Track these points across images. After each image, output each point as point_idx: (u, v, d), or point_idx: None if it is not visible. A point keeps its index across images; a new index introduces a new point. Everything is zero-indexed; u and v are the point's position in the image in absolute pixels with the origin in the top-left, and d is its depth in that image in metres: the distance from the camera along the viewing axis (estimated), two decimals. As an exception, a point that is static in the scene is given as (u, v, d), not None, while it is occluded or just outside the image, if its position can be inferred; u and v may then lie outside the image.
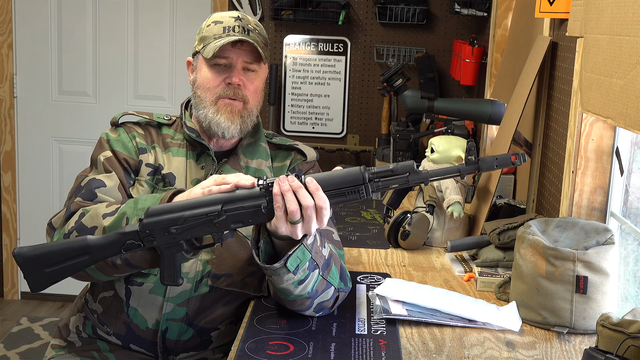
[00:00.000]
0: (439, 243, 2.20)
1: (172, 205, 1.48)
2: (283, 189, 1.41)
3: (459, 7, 3.59)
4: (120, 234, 1.48)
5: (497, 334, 1.57)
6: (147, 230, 1.46)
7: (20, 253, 1.48)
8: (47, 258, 1.48)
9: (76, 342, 1.78)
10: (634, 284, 1.82)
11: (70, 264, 1.49)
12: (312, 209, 1.41)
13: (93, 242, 1.48)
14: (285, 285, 1.50)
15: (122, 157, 1.75)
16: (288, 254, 1.46)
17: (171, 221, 1.46)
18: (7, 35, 4.00)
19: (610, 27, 1.52)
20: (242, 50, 1.73)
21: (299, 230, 1.43)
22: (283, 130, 4.03)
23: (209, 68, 1.74)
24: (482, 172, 1.46)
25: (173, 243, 1.47)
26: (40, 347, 3.57)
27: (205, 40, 1.75)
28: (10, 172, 4.12)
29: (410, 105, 2.85)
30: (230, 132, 1.73)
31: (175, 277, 1.50)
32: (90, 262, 1.49)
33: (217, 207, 1.45)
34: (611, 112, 1.48)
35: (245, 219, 1.45)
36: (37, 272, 1.48)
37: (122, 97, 4.10)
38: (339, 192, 1.43)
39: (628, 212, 1.86)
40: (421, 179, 1.44)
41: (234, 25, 1.73)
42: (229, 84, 1.73)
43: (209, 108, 1.74)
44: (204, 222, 1.45)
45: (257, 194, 1.45)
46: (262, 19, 3.94)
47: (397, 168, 1.43)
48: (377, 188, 1.44)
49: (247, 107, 1.75)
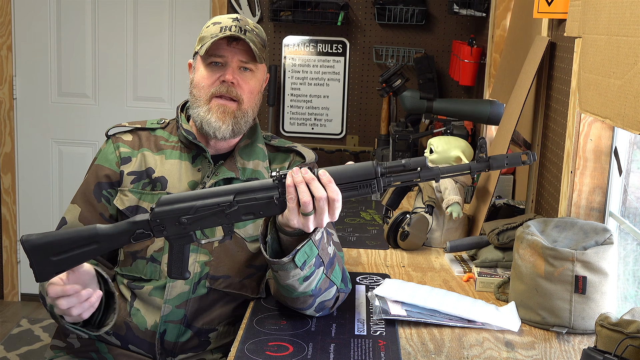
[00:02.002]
0: (438, 243, 2.20)
1: (183, 195, 1.48)
2: (296, 180, 1.41)
3: (457, 8, 3.59)
4: (130, 223, 1.47)
5: (496, 334, 1.57)
6: (158, 220, 1.46)
7: (28, 240, 1.45)
8: (55, 246, 1.44)
9: (75, 344, 1.78)
10: (632, 283, 1.82)
11: (78, 253, 1.45)
12: (324, 200, 1.40)
13: (102, 230, 1.47)
14: (291, 281, 1.50)
15: (103, 173, 1.77)
16: (297, 249, 1.46)
17: (182, 210, 1.45)
18: (7, 37, 4.00)
19: (608, 27, 1.52)
20: (237, 49, 1.73)
21: (310, 222, 1.42)
22: (282, 131, 4.04)
23: (205, 67, 1.75)
24: (492, 170, 1.45)
25: (183, 234, 1.47)
26: (40, 349, 3.57)
27: (203, 40, 1.75)
28: (10, 173, 4.12)
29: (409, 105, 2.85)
30: (221, 132, 1.72)
31: (183, 270, 1.50)
32: (98, 251, 1.47)
33: (230, 197, 1.45)
34: (609, 112, 1.48)
35: (257, 211, 1.45)
36: (44, 260, 1.44)
37: (122, 98, 4.11)
38: (352, 185, 1.43)
39: (627, 212, 1.86)
40: (433, 175, 1.42)
41: (231, 25, 1.73)
42: (222, 82, 1.72)
43: (202, 107, 1.73)
44: (216, 212, 1.45)
45: (269, 185, 1.45)
46: (261, 19, 3.94)
47: (410, 163, 1.42)
48: (388, 183, 1.43)
49: (241, 108, 1.74)
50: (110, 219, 1.75)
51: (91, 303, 1.46)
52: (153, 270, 1.72)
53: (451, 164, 2.17)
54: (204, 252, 1.72)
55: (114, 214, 1.76)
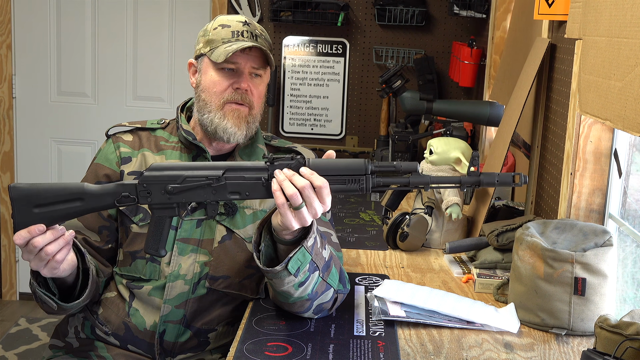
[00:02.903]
0: (438, 244, 2.20)
1: (175, 164, 1.49)
2: (279, 179, 1.42)
3: (457, 9, 3.59)
4: (118, 185, 1.48)
5: (495, 335, 1.57)
6: (145, 184, 1.46)
7: (16, 187, 1.44)
8: (40, 197, 1.44)
9: (74, 343, 1.78)
10: (632, 285, 1.82)
11: (61, 208, 1.45)
12: (309, 188, 1.40)
13: (89, 189, 1.47)
14: (286, 287, 1.50)
15: (102, 172, 1.77)
16: (289, 257, 1.46)
17: (170, 178, 1.46)
18: (6, 36, 4.00)
19: (609, 29, 1.52)
20: (250, 55, 1.72)
21: (306, 215, 1.42)
22: (282, 131, 4.04)
23: (216, 72, 1.73)
24: (482, 186, 1.45)
25: (167, 204, 1.47)
26: (38, 348, 3.57)
27: (213, 44, 1.73)
28: (9, 172, 4.11)
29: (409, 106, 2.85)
30: (236, 138, 1.73)
31: (160, 247, 1.51)
32: (81, 210, 1.47)
33: (219, 172, 1.45)
34: (609, 114, 1.48)
35: (243, 191, 1.46)
36: (26, 211, 1.43)
37: (121, 98, 4.11)
38: (341, 179, 1.43)
39: (626, 214, 1.86)
40: (422, 182, 1.44)
41: (242, 30, 1.72)
42: (237, 89, 1.72)
43: (215, 113, 1.72)
44: (202, 185, 1.45)
45: (260, 167, 1.46)
46: (261, 20, 3.94)
47: (401, 166, 1.43)
48: (377, 184, 1.44)
49: (252, 113, 1.75)
50: (109, 219, 1.75)
51: (66, 240, 1.46)
52: (152, 270, 1.71)
53: (451, 165, 2.17)
54: (203, 252, 1.72)
55: (114, 214, 1.76)
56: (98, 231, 1.74)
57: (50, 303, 1.56)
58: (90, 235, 1.73)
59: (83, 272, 1.62)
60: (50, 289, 1.57)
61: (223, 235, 1.73)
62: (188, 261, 1.70)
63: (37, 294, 1.56)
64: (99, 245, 1.74)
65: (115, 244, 1.77)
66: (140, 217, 1.73)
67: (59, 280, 1.59)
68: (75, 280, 1.62)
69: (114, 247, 1.77)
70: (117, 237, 1.77)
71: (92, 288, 1.63)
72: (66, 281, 1.60)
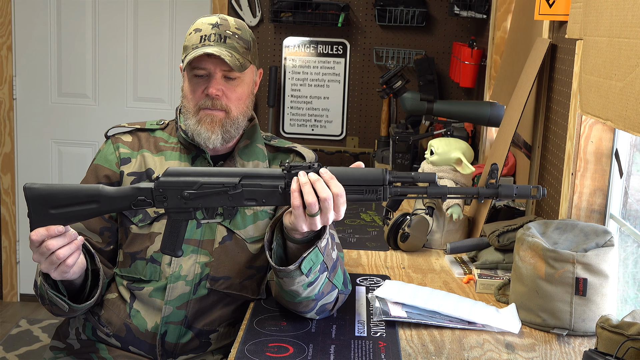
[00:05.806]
0: (439, 245, 2.20)
1: (191, 170, 1.49)
2: (302, 181, 1.41)
3: (458, 9, 3.59)
4: (134, 189, 1.47)
5: (496, 336, 1.57)
6: (161, 189, 1.46)
7: (31, 188, 1.44)
8: (56, 198, 1.44)
9: (75, 345, 1.78)
10: (633, 286, 1.82)
11: (77, 210, 1.45)
12: (330, 200, 1.40)
13: (105, 191, 1.47)
14: (295, 287, 1.50)
15: (102, 173, 1.76)
16: (303, 256, 1.46)
17: (186, 184, 1.46)
18: (7, 37, 4.00)
19: (610, 29, 1.52)
20: (218, 59, 1.69)
21: (318, 222, 1.42)
22: (282, 132, 4.03)
23: (190, 78, 1.73)
24: (500, 198, 1.44)
25: (184, 209, 1.47)
26: (39, 350, 3.57)
27: (187, 50, 1.73)
28: (9, 174, 4.11)
29: (410, 107, 2.85)
30: (212, 142, 1.72)
31: (176, 248, 1.51)
32: (97, 211, 1.47)
33: (235, 179, 1.45)
34: (610, 114, 1.48)
35: (260, 198, 1.46)
36: (42, 211, 1.44)
37: (122, 99, 4.11)
38: (358, 189, 1.43)
39: (627, 214, 1.86)
40: (440, 193, 1.42)
41: (210, 33, 1.71)
42: (207, 95, 1.71)
43: (191, 118, 1.73)
44: (219, 192, 1.45)
45: (277, 175, 1.45)
46: (261, 20, 3.94)
47: (419, 177, 1.42)
48: (394, 193, 1.43)
49: (230, 117, 1.72)
50: (110, 220, 1.75)
51: (77, 245, 1.46)
52: (153, 271, 1.71)
53: (451, 166, 2.17)
54: (204, 253, 1.72)
55: (114, 215, 1.76)
56: (99, 232, 1.74)
57: (62, 305, 1.56)
58: (92, 236, 1.73)
59: (92, 273, 1.63)
60: (60, 291, 1.58)
61: (224, 235, 1.73)
62: (189, 262, 1.70)
63: (47, 296, 1.56)
64: (101, 246, 1.74)
65: (116, 245, 1.77)
66: (140, 218, 1.73)
67: (66, 282, 1.59)
68: (83, 282, 1.62)
69: (115, 248, 1.77)
70: (118, 238, 1.77)
71: (101, 287, 1.64)
72: (73, 283, 1.60)
